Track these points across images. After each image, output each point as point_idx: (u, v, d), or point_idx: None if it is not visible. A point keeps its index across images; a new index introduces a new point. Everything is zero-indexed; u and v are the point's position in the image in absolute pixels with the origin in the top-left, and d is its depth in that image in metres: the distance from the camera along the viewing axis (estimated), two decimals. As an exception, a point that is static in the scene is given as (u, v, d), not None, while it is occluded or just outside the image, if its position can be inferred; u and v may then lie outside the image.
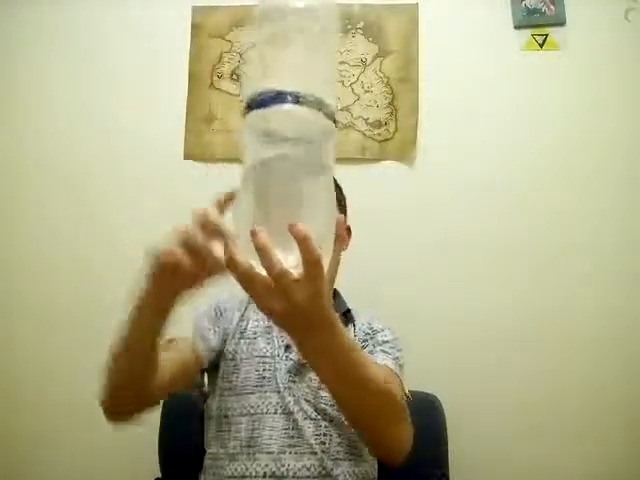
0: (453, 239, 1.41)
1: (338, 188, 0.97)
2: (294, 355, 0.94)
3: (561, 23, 1.47)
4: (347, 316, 1.03)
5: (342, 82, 1.49)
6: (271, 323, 0.92)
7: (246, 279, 0.49)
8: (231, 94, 1.51)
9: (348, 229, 1.06)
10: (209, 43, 1.53)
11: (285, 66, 0.52)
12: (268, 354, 0.94)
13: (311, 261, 0.47)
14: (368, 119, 1.47)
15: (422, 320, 1.36)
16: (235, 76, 1.51)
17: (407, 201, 1.44)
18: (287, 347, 0.95)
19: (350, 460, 0.89)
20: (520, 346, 1.35)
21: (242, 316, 0.99)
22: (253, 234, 0.46)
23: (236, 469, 0.86)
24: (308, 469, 0.85)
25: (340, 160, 1.56)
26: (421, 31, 1.49)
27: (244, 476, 0.85)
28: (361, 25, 1.50)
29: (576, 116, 1.44)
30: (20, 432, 1.41)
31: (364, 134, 1.46)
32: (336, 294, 1.08)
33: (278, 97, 0.49)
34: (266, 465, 0.84)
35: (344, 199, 1.04)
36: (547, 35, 1.47)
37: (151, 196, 1.49)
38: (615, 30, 1.45)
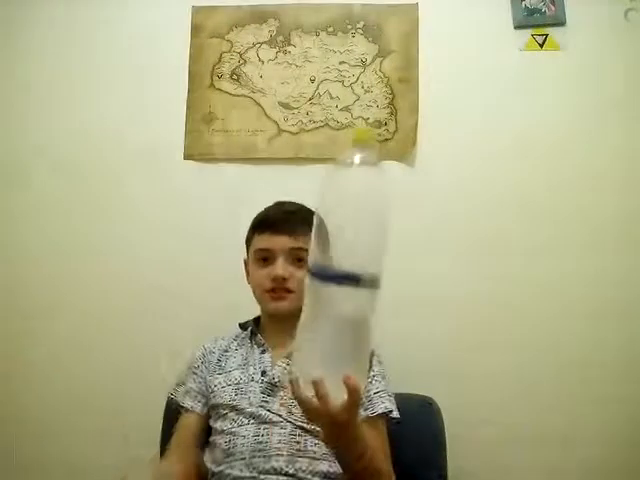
0: (453, 240, 1.41)
1: None
2: (268, 378, 1.02)
3: (561, 23, 1.47)
4: None
5: (342, 82, 1.49)
6: (247, 357, 1.08)
7: (304, 406, 0.70)
8: (231, 94, 1.50)
9: None
10: (209, 43, 1.53)
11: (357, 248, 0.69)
12: (242, 381, 1.03)
13: (354, 403, 0.68)
14: (368, 119, 1.47)
15: (420, 322, 1.36)
16: (235, 76, 1.51)
17: (407, 201, 1.44)
18: (263, 373, 1.03)
19: (325, 460, 0.94)
20: (519, 349, 1.35)
21: (223, 354, 1.10)
22: (314, 383, 0.66)
23: (217, 469, 0.97)
24: (275, 469, 0.92)
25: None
26: (421, 31, 1.49)
27: (224, 474, 0.95)
28: (361, 25, 1.50)
29: (576, 116, 1.44)
30: (22, 425, 1.41)
31: (364, 134, 1.46)
32: None
33: (346, 278, 0.67)
34: (240, 470, 0.93)
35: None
36: (547, 35, 1.47)
37: (151, 196, 1.49)
38: (615, 30, 1.45)
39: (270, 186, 1.46)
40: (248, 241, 1.12)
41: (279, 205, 1.12)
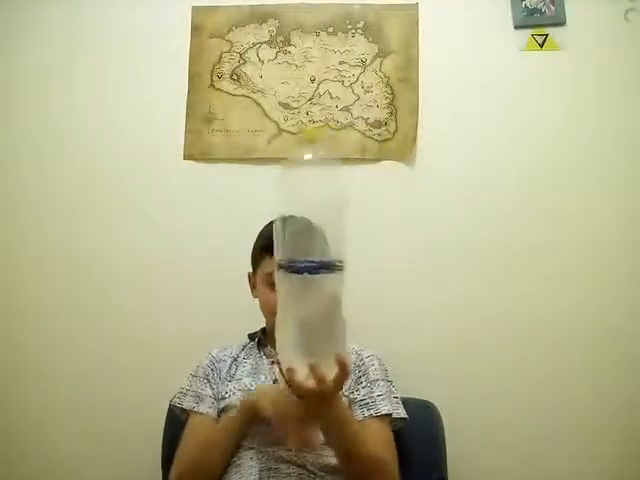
0: (453, 240, 1.41)
1: None
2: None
3: (561, 23, 1.47)
4: None
5: (342, 82, 1.49)
6: (257, 366, 1.11)
7: (301, 391, 0.76)
8: (231, 94, 1.50)
9: None
10: (209, 43, 1.53)
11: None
12: (253, 389, 1.05)
13: (344, 376, 0.76)
14: (368, 119, 1.47)
15: (419, 325, 1.36)
16: (235, 76, 1.51)
17: (407, 201, 1.44)
18: (274, 381, 1.05)
19: (332, 456, 0.95)
20: (518, 351, 1.35)
21: (233, 363, 1.12)
22: (312, 367, 0.74)
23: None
24: (284, 459, 0.94)
25: (340, 160, 1.57)
26: (421, 31, 1.49)
27: (235, 462, 0.98)
28: (361, 25, 1.50)
29: (576, 116, 1.44)
30: (22, 426, 1.41)
31: (364, 134, 1.46)
32: None
33: (322, 267, 0.74)
34: (250, 458, 0.96)
35: None
36: (547, 35, 1.47)
37: (151, 196, 1.48)
38: (615, 30, 1.45)
39: (270, 186, 1.45)
40: (255, 259, 1.12)
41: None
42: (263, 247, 1.10)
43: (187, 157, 1.50)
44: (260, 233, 1.13)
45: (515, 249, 1.40)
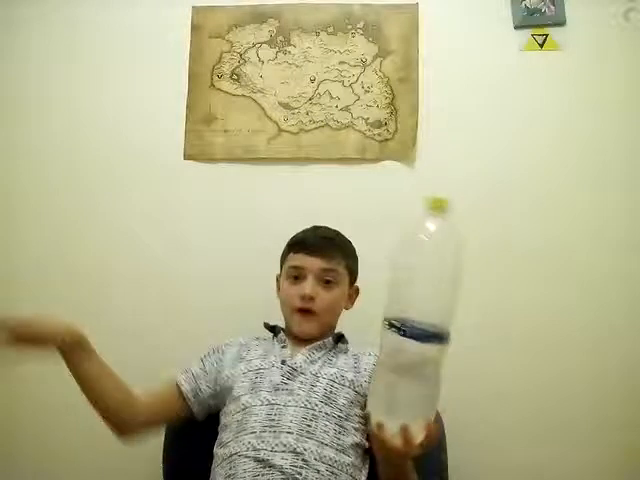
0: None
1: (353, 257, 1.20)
2: (287, 364, 1.06)
3: (561, 23, 1.47)
4: (340, 341, 1.15)
5: (342, 82, 1.49)
6: (268, 350, 1.12)
7: (386, 446, 0.80)
8: (231, 94, 1.50)
9: (357, 290, 1.21)
10: (209, 43, 1.53)
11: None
12: (262, 368, 1.07)
13: (430, 442, 0.81)
14: (368, 119, 1.47)
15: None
16: (235, 76, 1.51)
17: (406, 202, 1.43)
18: (283, 362, 1.07)
19: (332, 447, 0.97)
20: (519, 352, 1.35)
21: (242, 347, 1.14)
22: (403, 428, 0.77)
23: (225, 452, 0.99)
24: (284, 445, 0.95)
25: (340, 160, 1.58)
26: (421, 31, 1.49)
27: (232, 454, 0.97)
28: (361, 25, 1.50)
29: (576, 116, 1.44)
30: (22, 433, 1.41)
31: (364, 134, 1.46)
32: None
33: (432, 337, 0.76)
34: (249, 442, 0.96)
35: (357, 267, 1.20)
36: (547, 35, 1.47)
37: (151, 196, 1.48)
38: (615, 30, 1.45)
39: (270, 186, 1.46)
40: (283, 258, 1.19)
41: (317, 229, 1.19)
42: (290, 245, 1.18)
43: (187, 157, 1.50)
44: (291, 237, 1.19)
45: (515, 249, 1.40)
